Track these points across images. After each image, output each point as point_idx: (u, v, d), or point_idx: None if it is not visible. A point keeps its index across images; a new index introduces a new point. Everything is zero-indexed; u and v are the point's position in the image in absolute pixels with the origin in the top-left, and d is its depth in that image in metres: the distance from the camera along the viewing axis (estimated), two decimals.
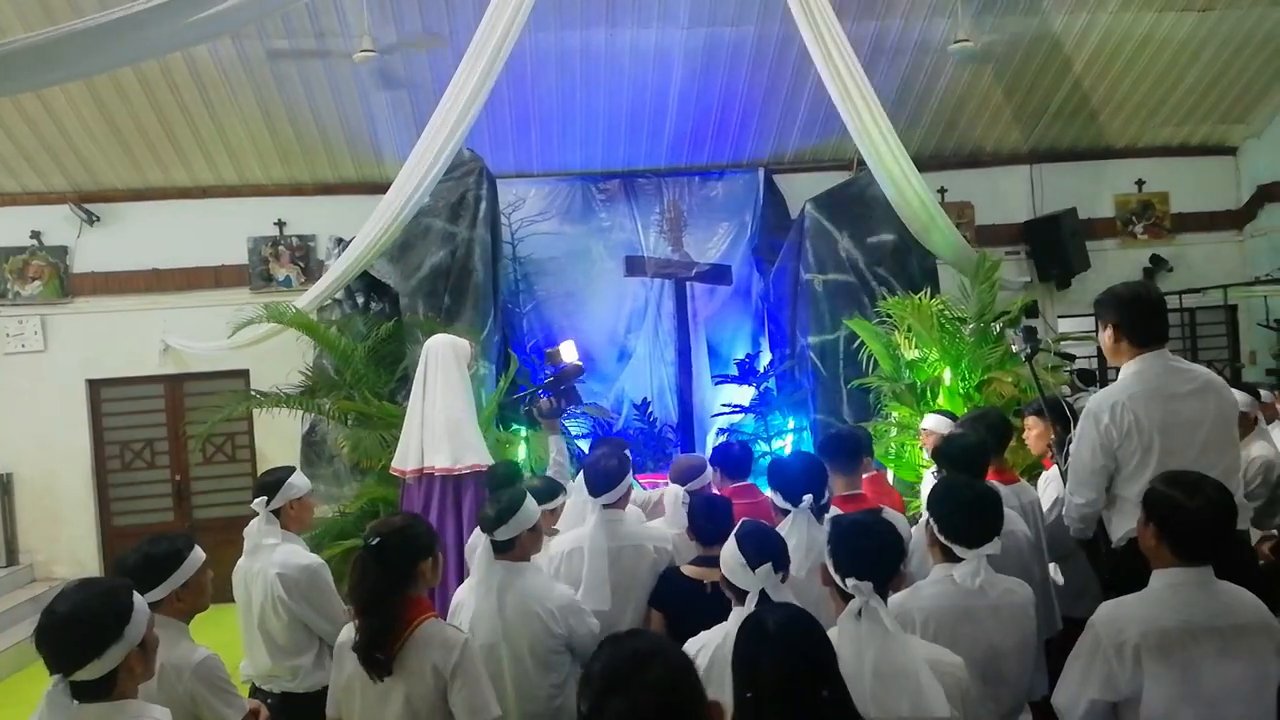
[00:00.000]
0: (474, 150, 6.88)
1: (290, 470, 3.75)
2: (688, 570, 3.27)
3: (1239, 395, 4.00)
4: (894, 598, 2.72)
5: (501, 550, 3.02)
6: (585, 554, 3.33)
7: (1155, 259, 8.82)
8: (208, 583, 2.82)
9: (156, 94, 7.17)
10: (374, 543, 2.62)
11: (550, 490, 3.65)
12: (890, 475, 5.67)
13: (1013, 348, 4.40)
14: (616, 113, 7.82)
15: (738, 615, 2.50)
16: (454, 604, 3.16)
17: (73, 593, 2.16)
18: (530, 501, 3.08)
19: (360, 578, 2.61)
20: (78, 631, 2.08)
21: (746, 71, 7.59)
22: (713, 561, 3.15)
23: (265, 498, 3.54)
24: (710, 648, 2.49)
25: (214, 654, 2.67)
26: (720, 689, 2.45)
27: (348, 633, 2.69)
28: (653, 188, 8.31)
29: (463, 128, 5.71)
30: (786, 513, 3.17)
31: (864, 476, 4.42)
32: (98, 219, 8.00)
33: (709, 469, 4.20)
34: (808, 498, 3.08)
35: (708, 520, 3.28)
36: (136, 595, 2.19)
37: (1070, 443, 3.38)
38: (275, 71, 7.13)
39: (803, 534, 3.04)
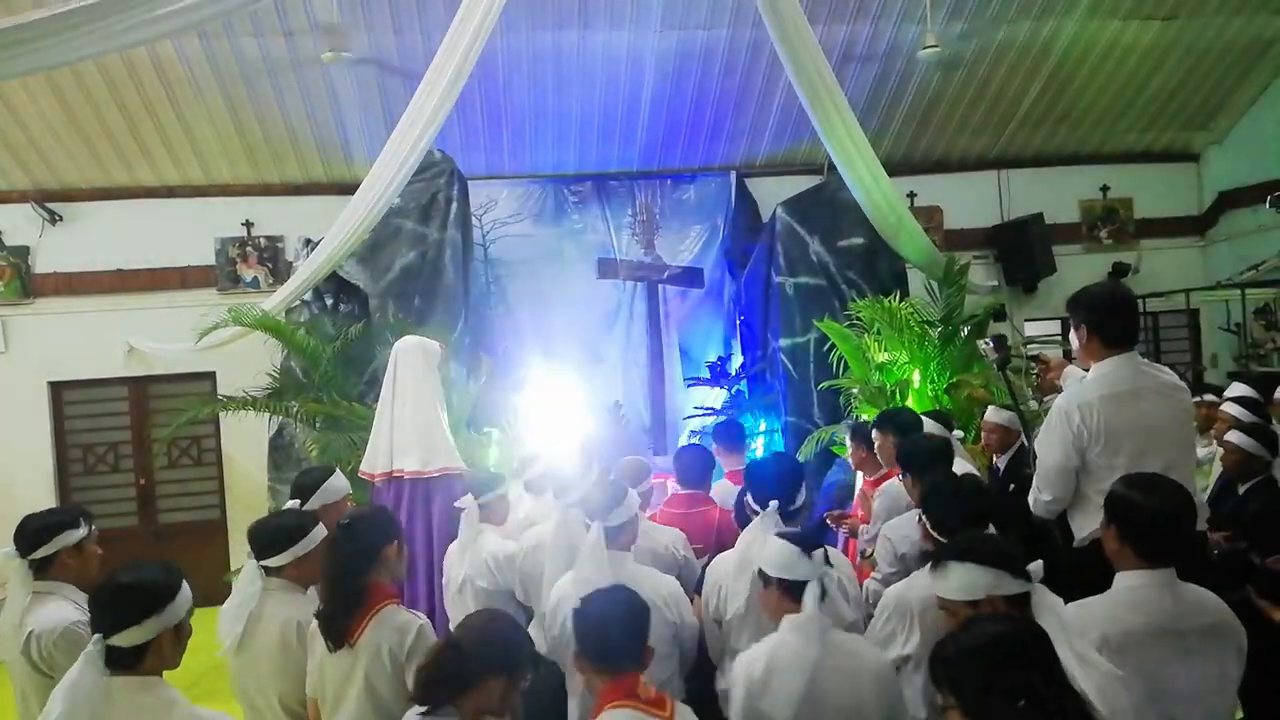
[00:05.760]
0: (445, 151, 6.85)
1: (329, 472, 3.72)
2: None
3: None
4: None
5: (611, 539, 3.11)
6: (548, 551, 3.43)
7: (1118, 266, 8.95)
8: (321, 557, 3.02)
9: (121, 91, 7.06)
10: (344, 523, 2.86)
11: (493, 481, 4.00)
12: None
13: (986, 357, 4.47)
14: (589, 115, 7.81)
15: (790, 624, 2.53)
16: (555, 598, 3.19)
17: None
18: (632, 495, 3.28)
19: (330, 554, 2.82)
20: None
21: (719, 75, 7.62)
22: None
23: (299, 500, 3.52)
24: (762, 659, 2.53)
25: None
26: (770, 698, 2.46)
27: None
28: (625, 190, 8.32)
29: (433, 128, 5.68)
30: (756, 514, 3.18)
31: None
32: (60, 218, 7.86)
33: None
34: (774, 503, 3.08)
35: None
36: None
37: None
38: (243, 70, 7.04)
39: (764, 538, 3.04)
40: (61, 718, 2.10)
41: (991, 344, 4.11)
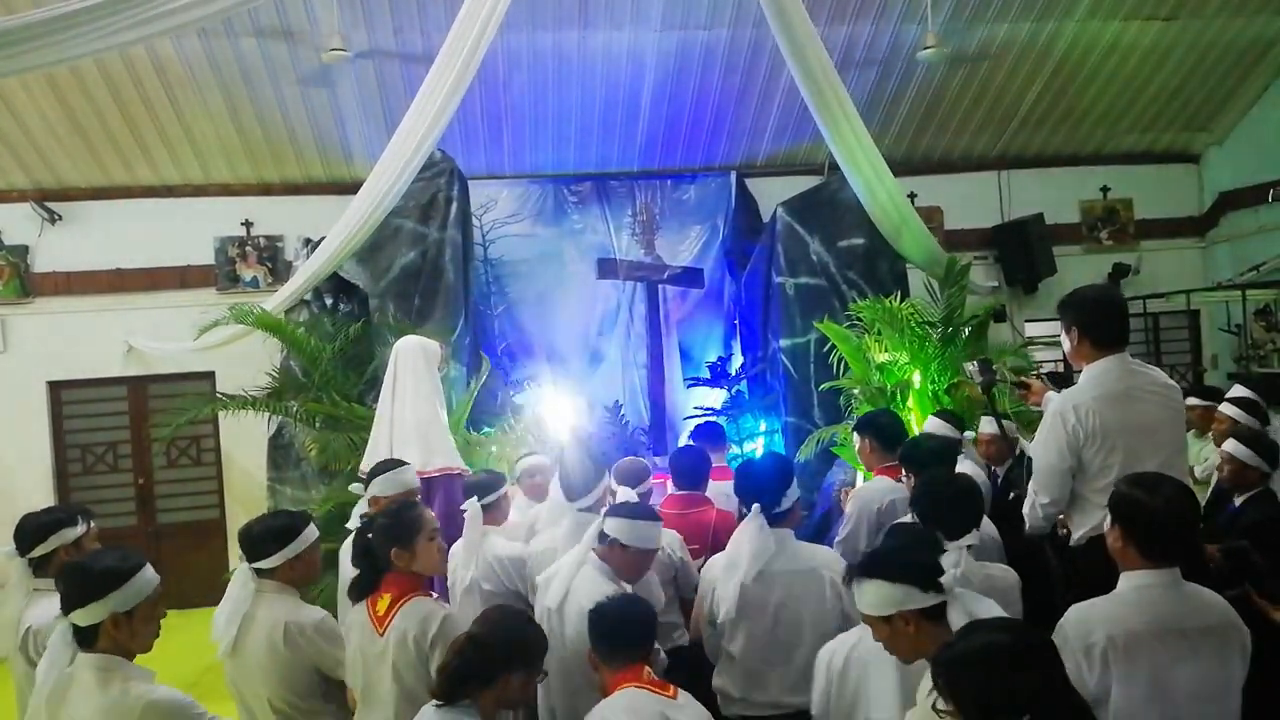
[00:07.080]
0: (445, 151, 6.83)
1: (397, 464, 3.79)
2: None
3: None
4: None
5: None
6: (559, 556, 3.38)
7: (1118, 266, 8.94)
8: (318, 559, 3.12)
9: (121, 90, 7.05)
10: (365, 522, 3.04)
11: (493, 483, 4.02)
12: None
13: (972, 379, 4.49)
14: (589, 115, 7.80)
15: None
16: (544, 577, 3.25)
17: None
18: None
19: (360, 542, 2.98)
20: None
21: (719, 75, 7.61)
22: None
23: (361, 484, 3.80)
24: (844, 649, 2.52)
25: (329, 613, 3.04)
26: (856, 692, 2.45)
27: (356, 614, 2.93)
28: (625, 190, 8.30)
29: (436, 132, 5.65)
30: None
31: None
32: (59, 217, 7.85)
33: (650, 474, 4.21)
34: (755, 505, 3.07)
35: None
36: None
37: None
38: (243, 70, 7.03)
39: (751, 538, 3.02)
40: (40, 686, 2.34)
41: (977, 366, 4.15)
